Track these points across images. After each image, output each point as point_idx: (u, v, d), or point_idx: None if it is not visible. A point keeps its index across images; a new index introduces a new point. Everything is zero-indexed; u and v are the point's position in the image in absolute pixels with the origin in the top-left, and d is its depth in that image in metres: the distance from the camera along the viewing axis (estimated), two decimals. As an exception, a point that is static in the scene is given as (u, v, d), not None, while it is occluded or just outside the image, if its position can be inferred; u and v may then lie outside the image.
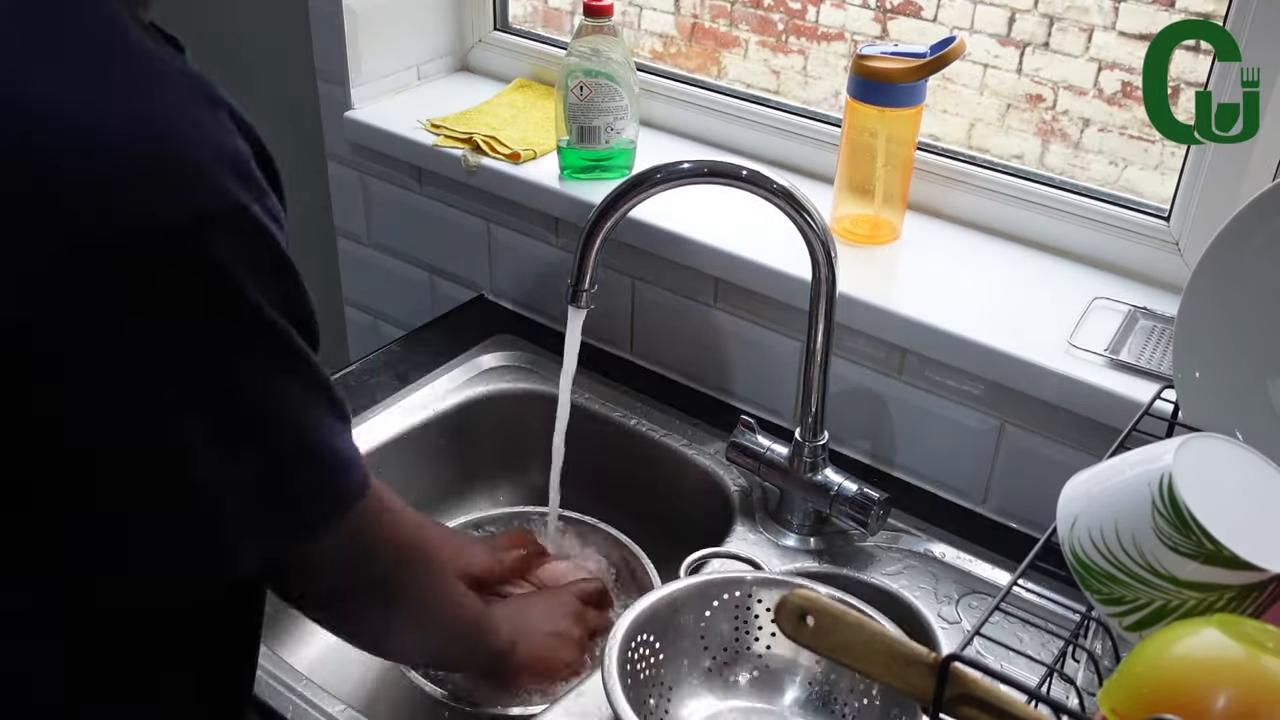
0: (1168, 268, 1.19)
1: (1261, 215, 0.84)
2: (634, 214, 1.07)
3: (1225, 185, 1.11)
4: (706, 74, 1.89)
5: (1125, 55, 1.67)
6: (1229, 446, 0.79)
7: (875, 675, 0.73)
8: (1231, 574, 0.71)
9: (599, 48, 1.30)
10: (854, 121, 1.22)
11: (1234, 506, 0.74)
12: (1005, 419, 1.16)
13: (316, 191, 1.69)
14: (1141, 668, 0.66)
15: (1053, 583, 0.91)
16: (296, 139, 1.74)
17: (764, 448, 1.17)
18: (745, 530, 1.18)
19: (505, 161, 1.41)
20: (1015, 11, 1.75)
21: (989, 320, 1.14)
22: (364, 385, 1.37)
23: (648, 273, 1.36)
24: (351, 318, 1.76)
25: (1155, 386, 0.97)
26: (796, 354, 1.27)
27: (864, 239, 1.27)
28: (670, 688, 0.99)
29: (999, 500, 1.19)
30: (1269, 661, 0.62)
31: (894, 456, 1.25)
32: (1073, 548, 0.76)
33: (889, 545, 1.15)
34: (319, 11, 1.51)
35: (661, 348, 1.40)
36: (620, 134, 1.34)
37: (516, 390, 1.38)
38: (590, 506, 1.27)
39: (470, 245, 1.52)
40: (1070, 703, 0.75)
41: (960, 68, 1.68)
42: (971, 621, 1.04)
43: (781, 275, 1.21)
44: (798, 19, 1.94)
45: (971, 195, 1.29)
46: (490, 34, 1.63)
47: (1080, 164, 1.74)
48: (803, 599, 0.75)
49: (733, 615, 1.02)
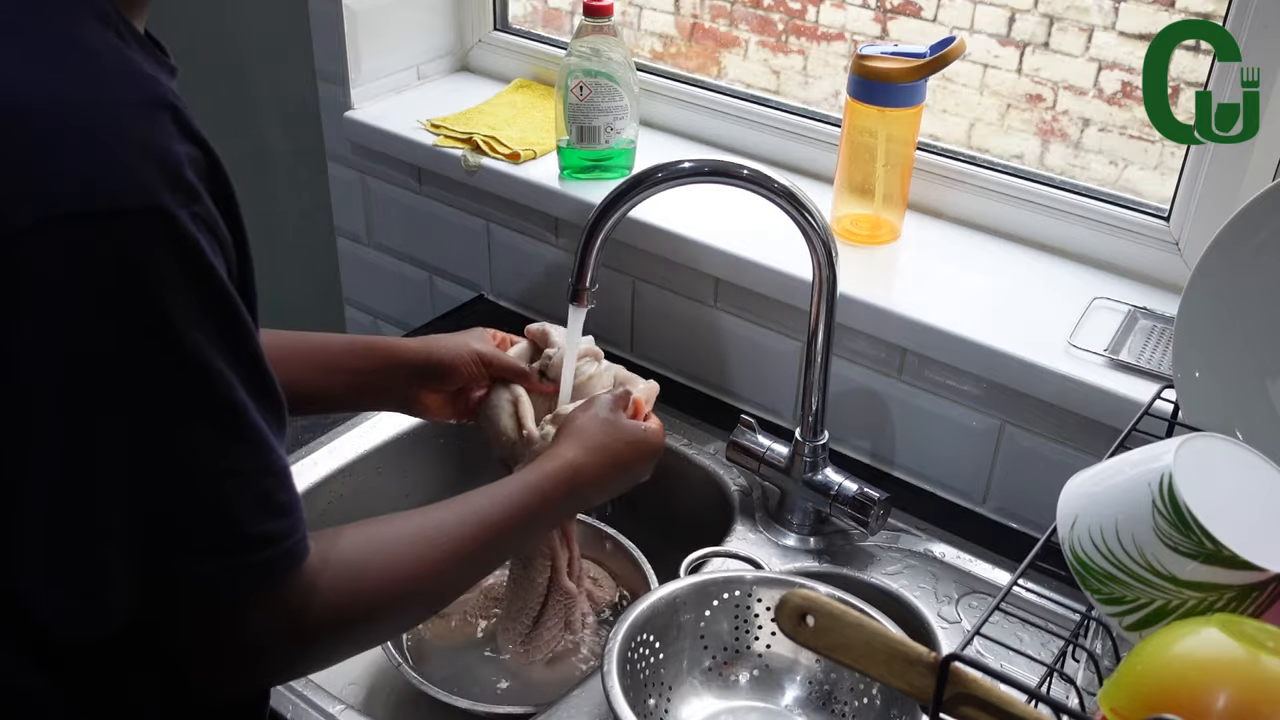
0: (1168, 268, 1.19)
1: (1262, 215, 0.84)
2: (634, 214, 1.07)
3: (1225, 185, 1.11)
4: (706, 74, 1.88)
5: (1125, 55, 1.67)
6: (1229, 446, 0.79)
7: (875, 675, 0.73)
8: (1231, 574, 0.71)
9: (599, 48, 1.30)
10: (854, 121, 1.22)
11: (1234, 506, 0.74)
12: (1005, 419, 1.16)
13: (316, 191, 1.69)
14: (1141, 668, 0.66)
15: (1053, 583, 0.91)
16: (296, 139, 1.74)
17: (764, 448, 1.17)
18: (745, 530, 1.18)
19: (505, 161, 1.41)
20: (1015, 11, 1.75)
21: (989, 320, 1.14)
22: (364, 385, 1.36)
23: (648, 273, 1.36)
24: (351, 318, 1.76)
25: (1155, 386, 0.97)
26: (796, 354, 1.27)
27: (864, 239, 1.27)
28: (670, 687, 0.99)
29: (999, 500, 1.19)
30: (1269, 661, 0.62)
31: (894, 456, 1.25)
32: (1073, 547, 0.76)
33: (889, 545, 1.15)
34: (319, 11, 1.51)
35: (661, 348, 1.40)
36: (620, 134, 1.34)
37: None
38: (590, 506, 1.27)
39: (470, 245, 1.52)
40: (1070, 703, 0.75)
41: (960, 68, 1.68)
42: (971, 621, 1.04)
43: (782, 275, 1.21)
44: (798, 19, 1.93)
45: (971, 195, 1.29)
46: (490, 34, 1.63)
47: (1080, 164, 1.74)
48: (803, 599, 0.75)
49: (733, 615, 1.02)
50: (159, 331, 0.60)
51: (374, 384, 1.06)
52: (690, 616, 1.01)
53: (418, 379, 1.06)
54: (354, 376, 1.05)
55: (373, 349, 1.06)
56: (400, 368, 1.05)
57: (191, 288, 0.61)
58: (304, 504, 0.70)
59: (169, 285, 0.59)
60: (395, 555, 0.79)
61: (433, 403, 1.08)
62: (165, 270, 0.59)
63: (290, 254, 1.97)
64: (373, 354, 1.06)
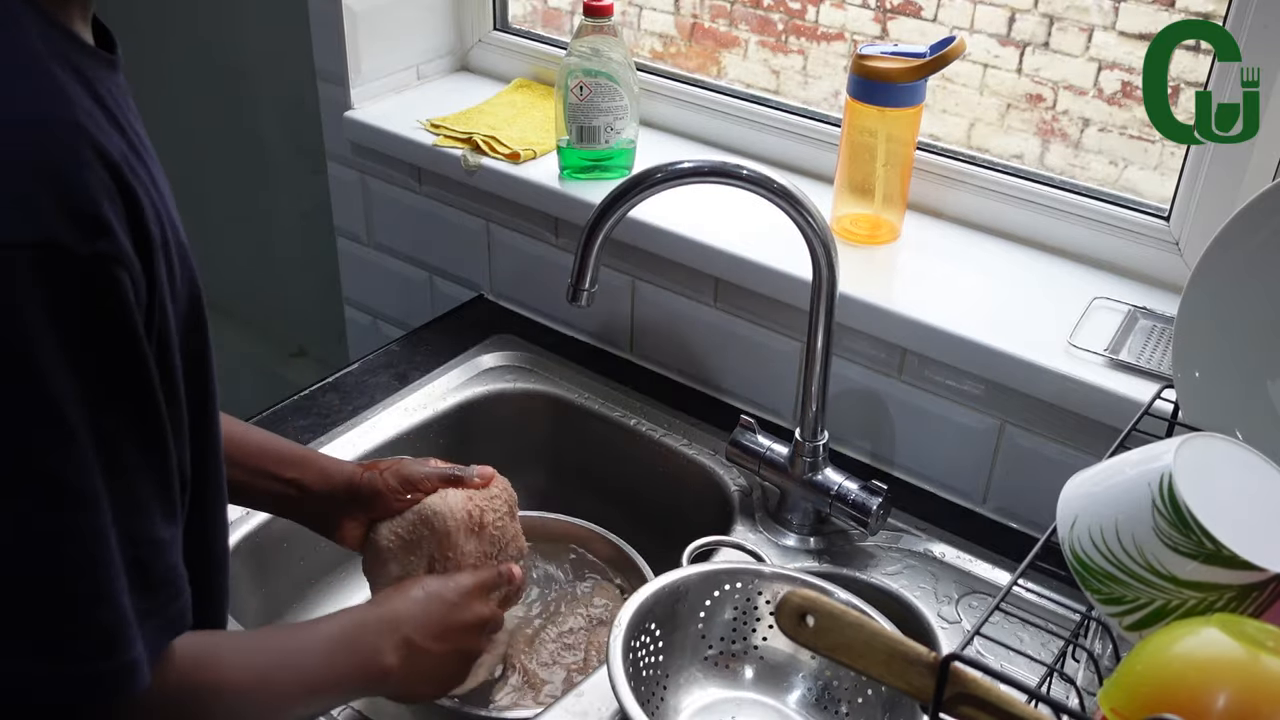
0: (1168, 268, 1.19)
1: (1262, 215, 0.84)
2: (634, 214, 1.07)
3: (1225, 185, 1.11)
4: (706, 74, 1.89)
5: (1125, 55, 1.67)
6: (1229, 446, 0.79)
7: (875, 675, 0.73)
8: (1231, 574, 0.71)
9: (599, 48, 1.30)
10: (854, 121, 1.22)
11: (1234, 506, 0.74)
12: (1005, 419, 1.16)
13: (316, 191, 1.69)
14: (1141, 668, 0.66)
15: (1053, 583, 0.91)
16: (296, 139, 1.74)
17: (764, 447, 1.17)
18: (745, 530, 1.18)
19: (505, 161, 1.41)
20: (1015, 11, 1.75)
21: (989, 320, 1.14)
22: (364, 385, 1.37)
23: (648, 273, 1.36)
24: (351, 318, 1.76)
25: (1155, 386, 0.97)
26: (796, 354, 1.27)
27: (864, 239, 1.27)
28: (667, 675, 0.99)
29: (999, 500, 1.19)
30: (1269, 661, 0.62)
31: (894, 456, 1.25)
32: (1073, 547, 0.76)
33: (889, 545, 1.15)
34: (319, 11, 1.51)
35: (661, 348, 1.40)
36: (620, 134, 1.34)
37: (516, 390, 1.38)
38: (589, 506, 1.27)
39: (470, 245, 1.52)
40: (1070, 703, 0.75)
41: (960, 68, 1.68)
42: (971, 621, 1.04)
43: (781, 275, 1.21)
44: (798, 19, 1.93)
45: (971, 195, 1.29)
46: (490, 34, 1.63)
47: (1080, 164, 1.74)
48: (803, 598, 0.75)
49: (735, 606, 1.02)
50: (21, 376, 0.54)
51: (290, 497, 0.97)
52: (693, 605, 1.01)
53: (341, 506, 0.98)
54: (272, 484, 0.96)
55: (301, 462, 0.98)
56: (325, 490, 0.97)
57: (72, 331, 0.55)
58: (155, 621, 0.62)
59: (42, 328, 0.54)
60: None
61: (351, 531, 0.99)
62: (46, 311, 0.53)
63: (290, 254, 1.97)
64: (299, 467, 0.97)
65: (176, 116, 1.91)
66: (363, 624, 0.85)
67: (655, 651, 0.98)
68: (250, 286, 2.08)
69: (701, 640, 1.02)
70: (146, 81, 0.80)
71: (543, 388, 1.37)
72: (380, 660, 0.83)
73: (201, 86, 1.93)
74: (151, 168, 0.64)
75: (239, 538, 1.14)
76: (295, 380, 1.73)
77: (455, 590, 0.91)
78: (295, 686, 0.79)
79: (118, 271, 0.56)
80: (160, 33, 1.81)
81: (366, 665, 0.83)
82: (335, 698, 0.87)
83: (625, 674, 0.90)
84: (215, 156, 1.97)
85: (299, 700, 0.79)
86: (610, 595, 1.19)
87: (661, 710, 0.98)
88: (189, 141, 1.93)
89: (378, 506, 0.98)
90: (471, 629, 0.91)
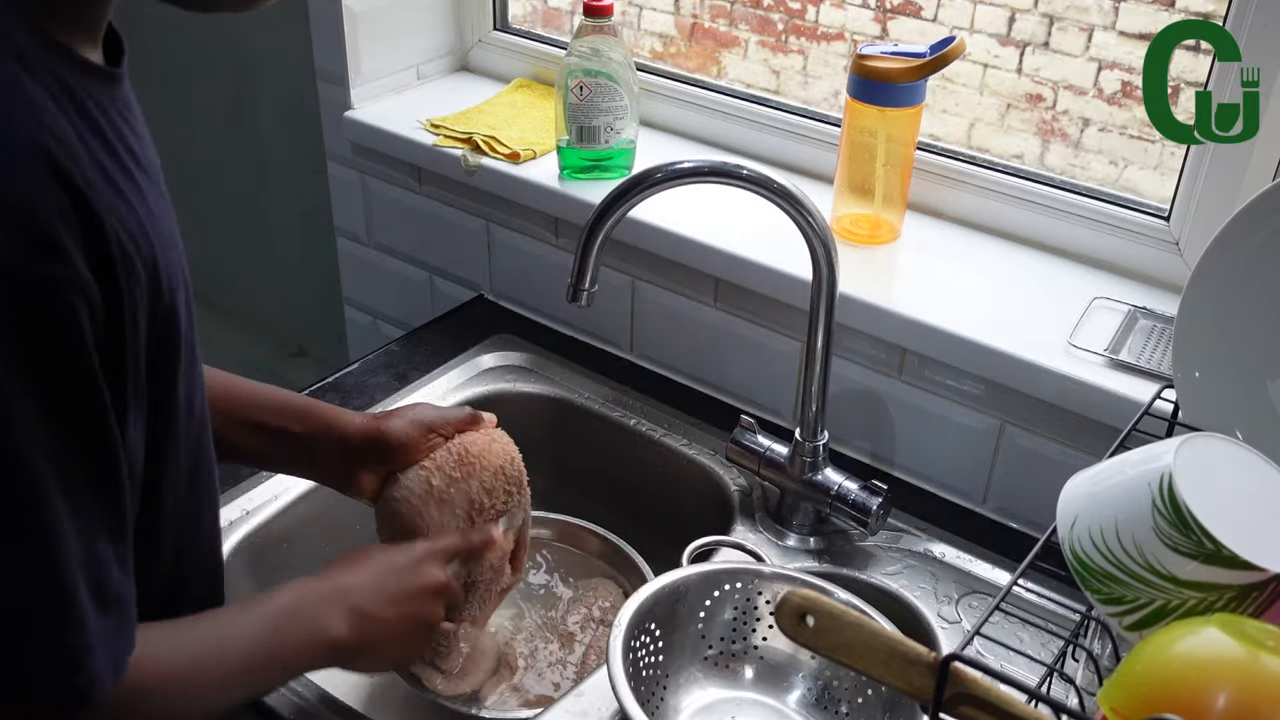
0: (1168, 268, 1.19)
1: (1262, 215, 0.84)
2: (634, 214, 1.07)
3: (1225, 185, 1.11)
4: (706, 74, 1.89)
5: (1125, 55, 1.67)
6: (1229, 446, 0.79)
7: (875, 675, 0.73)
8: (1231, 574, 0.71)
9: (599, 48, 1.30)
10: (854, 121, 1.22)
11: (1234, 506, 0.74)
12: (1005, 419, 1.16)
13: (316, 191, 1.70)
14: (1141, 668, 0.66)
15: (1053, 583, 0.91)
16: (296, 139, 1.74)
17: (764, 447, 1.17)
18: (745, 530, 1.18)
19: (505, 161, 1.41)
20: (1015, 11, 1.75)
21: (989, 320, 1.14)
22: (364, 385, 1.37)
23: (648, 273, 1.36)
24: (351, 318, 1.76)
25: (1155, 386, 0.97)
26: (796, 354, 1.27)
27: (864, 239, 1.27)
28: (667, 674, 0.99)
29: (999, 500, 1.20)
30: (1269, 661, 0.62)
31: (894, 456, 1.25)
32: (1073, 547, 0.76)
33: (889, 545, 1.15)
34: (319, 11, 1.51)
35: (661, 348, 1.40)
36: (620, 134, 1.34)
37: (516, 390, 1.38)
38: (589, 506, 1.27)
39: (470, 245, 1.52)
40: (1070, 703, 0.75)
41: (960, 67, 1.68)
42: (971, 621, 1.04)
43: (781, 275, 1.21)
44: (798, 19, 1.94)
45: (971, 195, 1.29)
46: (490, 34, 1.63)
47: (1080, 164, 1.74)
48: (803, 598, 0.75)
49: (735, 606, 1.02)
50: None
51: (303, 452, 0.96)
52: (693, 605, 1.01)
53: (357, 457, 0.96)
54: (282, 440, 0.95)
55: (310, 413, 0.97)
56: (339, 441, 0.96)
57: (20, 359, 0.55)
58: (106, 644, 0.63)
59: (3, 369, 0.54)
60: None
61: (369, 484, 0.97)
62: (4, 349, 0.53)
63: (290, 254, 1.97)
64: (309, 419, 0.96)
65: (177, 116, 1.91)
66: (305, 598, 0.83)
67: (655, 651, 0.98)
68: (250, 286, 2.08)
69: (701, 640, 1.02)
70: (146, 81, 0.80)
71: (543, 388, 1.37)
72: (328, 632, 0.82)
73: (202, 87, 1.93)
74: (141, 184, 0.64)
75: (239, 538, 1.14)
76: (295, 380, 1.73)
77: (407, 557, 0.90)
78: (232, 668, 0.77)
79: (70, 294, 0.56)
80: (161, 34, 1.81)
81: (313, 638, 0.82)
82: (282, 674, 0.85)
83: (625, 674, 0.90)
84: (215, 156, 1.97)
85: (238, 681, 0.78)
86: (610, 595, 1.19)
87: (661, 710, 0.98)
88: (189, 141, 1.93)
89: (398, 458, 0.96)
90: (425, 594, 0.89)
